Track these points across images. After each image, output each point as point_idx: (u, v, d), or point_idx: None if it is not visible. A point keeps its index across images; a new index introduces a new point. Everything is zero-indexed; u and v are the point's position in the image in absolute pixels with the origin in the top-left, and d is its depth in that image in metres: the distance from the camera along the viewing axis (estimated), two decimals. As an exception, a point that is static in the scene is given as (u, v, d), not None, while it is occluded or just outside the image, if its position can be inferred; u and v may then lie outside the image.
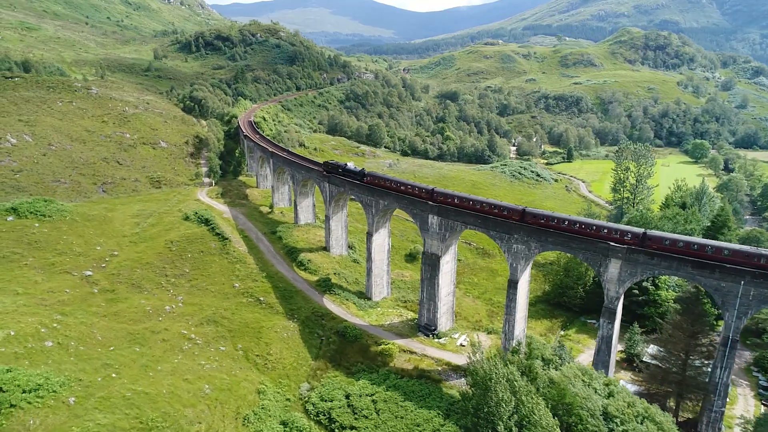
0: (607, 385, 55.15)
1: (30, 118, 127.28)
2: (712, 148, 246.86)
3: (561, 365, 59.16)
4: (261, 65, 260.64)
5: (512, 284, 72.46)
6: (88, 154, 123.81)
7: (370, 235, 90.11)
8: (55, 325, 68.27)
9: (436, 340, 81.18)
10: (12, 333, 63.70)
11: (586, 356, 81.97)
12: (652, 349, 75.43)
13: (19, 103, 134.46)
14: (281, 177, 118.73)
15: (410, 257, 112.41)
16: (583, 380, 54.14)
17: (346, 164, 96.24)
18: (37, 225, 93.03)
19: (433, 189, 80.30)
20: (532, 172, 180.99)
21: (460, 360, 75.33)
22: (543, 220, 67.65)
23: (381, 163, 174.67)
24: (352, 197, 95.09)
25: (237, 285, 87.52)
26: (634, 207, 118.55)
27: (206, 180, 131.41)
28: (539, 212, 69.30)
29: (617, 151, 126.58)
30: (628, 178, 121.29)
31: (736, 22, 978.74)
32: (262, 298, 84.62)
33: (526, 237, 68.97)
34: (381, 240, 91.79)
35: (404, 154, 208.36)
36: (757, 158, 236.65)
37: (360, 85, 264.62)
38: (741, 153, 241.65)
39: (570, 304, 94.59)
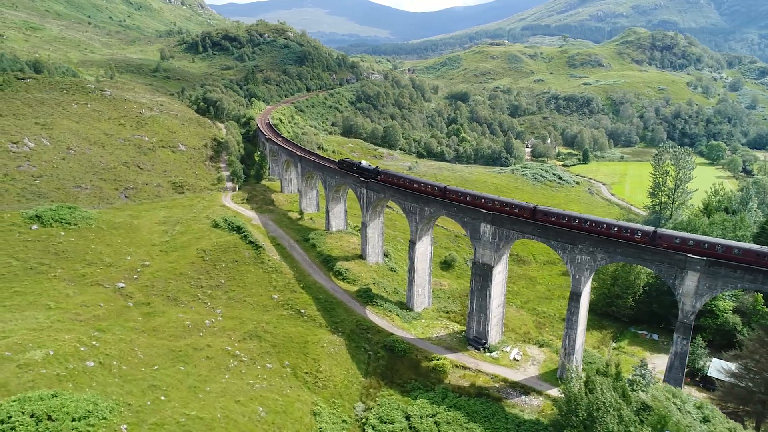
0: (699, 408, 51.63)
1: (46, 120, 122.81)
2: (728, 150, 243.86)
3: (645, 386, 55.73)
4: (270, 66, 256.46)
5: (574, 297, 69.02)
6: (107, 159, 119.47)
7: (412, 243, 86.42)
8: (93, 342, 64.16)
9: (488, 354, 77.54)
10: (51, 352, 59.55)
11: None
12: (718, 363, 72.07)
13: (33, 105, 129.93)
14: (309, 182, 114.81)
15: (445, 265, 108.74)
16: (674, 403, 50.65)
17: (360, 162, 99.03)
18: (63, 234, 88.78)
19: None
20: (554, 174, 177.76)
21: (517, 375, 72.05)
22: (615, 229, 64.15)
23: (400, 165, 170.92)
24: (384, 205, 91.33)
25: (275, 296, 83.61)
26: (672, 212, 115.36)
27: (229, 185, 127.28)
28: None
29: (656, 154, 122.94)
30: (666, 182, 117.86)
31: (734, 22, 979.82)
32: (303, 311, 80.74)
33: (592, 247, 65.39)
34: (423, 248, 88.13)
35: (420, 156, 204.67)
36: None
37: (370, 86, 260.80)
38: (759, 155, 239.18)
39: (619, 314, 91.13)
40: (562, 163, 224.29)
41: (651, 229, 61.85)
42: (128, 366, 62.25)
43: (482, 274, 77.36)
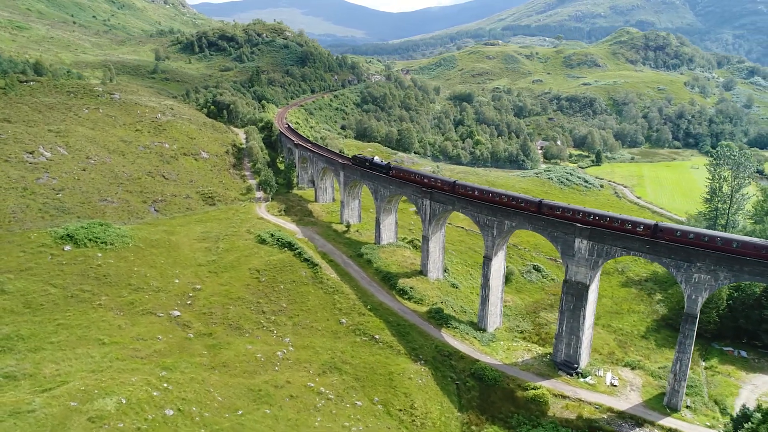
0: None
1: (60, 127, 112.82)
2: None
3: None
4: (271, 67, 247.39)
5: (690, 318, 63.38)
6: (130, 168, 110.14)
7: (488, 259, 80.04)
8: (165, 385, 56.12)
9: (582, 379, 71.49)
10: (123, 401, 51.54)
11: (747, 392, 73.57)
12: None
13: (43, 111, 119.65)
14: (352, 191, 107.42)
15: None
16: None
17: (372, 158, 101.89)
18: (100, 255, 79.88)
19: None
20: (579, 177, 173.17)
21: (620, 403, 66.32)
22: (736, 245, 58.57)
23: (422, 169, 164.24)
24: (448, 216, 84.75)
25: (343, 320, 76.21)
26: (728, 218, 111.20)
27: (259, 194, 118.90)
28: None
29: (713, 157, 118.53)
30: (721, 187, 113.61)
31: (708, 22, 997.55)
32: (377, 336, 73.54)
33: (714, 266, 59.60)
34: (498, 264, 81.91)
35: (435, 159, 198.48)
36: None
37: (376, 87, 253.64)
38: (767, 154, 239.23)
39: (700, 330, 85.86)
40: (576, 165, 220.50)
41: None
42: (210, 412, 54.43)
43: (576, 294, 71.38)
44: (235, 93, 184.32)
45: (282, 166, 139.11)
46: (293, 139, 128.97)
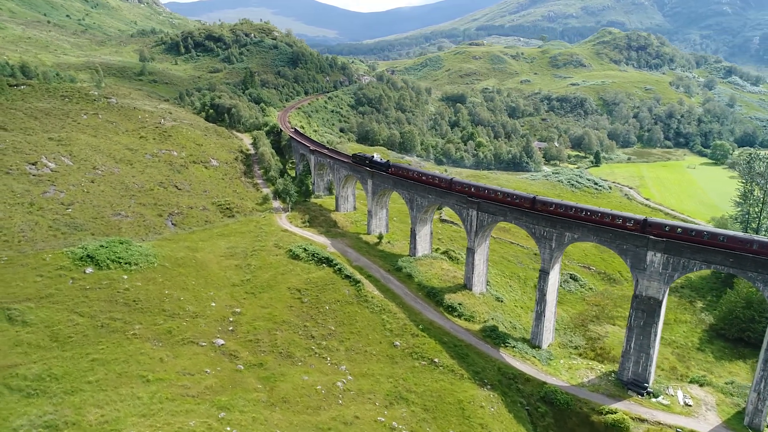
0: None
1: (61, 135, 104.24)
2: (732, 150, 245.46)
3: None
4: (262, 68, 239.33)
5: (783, 336, 59.76)
6: (140, 179, 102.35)
7: (545, 273, 75.68)
8: (227, 428, 50.01)
9: (654, 399, 67.58)
10: (189, 451, 45.11)
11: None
12: None
13: (39, 117, 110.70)
14: (381, 200, 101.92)
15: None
16: None
17: (372, 156, 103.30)
18: (125, 277, 72.69)
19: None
20: (588, 180, 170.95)
21: (700, 425, 62.76)
22: None
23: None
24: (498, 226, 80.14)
25: (397, 343, 70.78)
26: (759, 221, 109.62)
27: (276, 204, 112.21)
28: None
29: (748, 160, 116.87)
30: (753, 191, 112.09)
31: (676, 23, 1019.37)
32: (436, 360, 68.37)
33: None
34: (554, 278, 77.67)
35: (438, 162, 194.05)
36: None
37: (370, 88, 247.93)
38: (761, 152, 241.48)
39: (755, 339, 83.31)
40: (575, 166, 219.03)
41: None
42: (284, 459, 48.47)
43: (647, 310, 67.38)
44: (233, 96, 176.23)
45: (293, 173, 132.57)
46: (308, 145, 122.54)
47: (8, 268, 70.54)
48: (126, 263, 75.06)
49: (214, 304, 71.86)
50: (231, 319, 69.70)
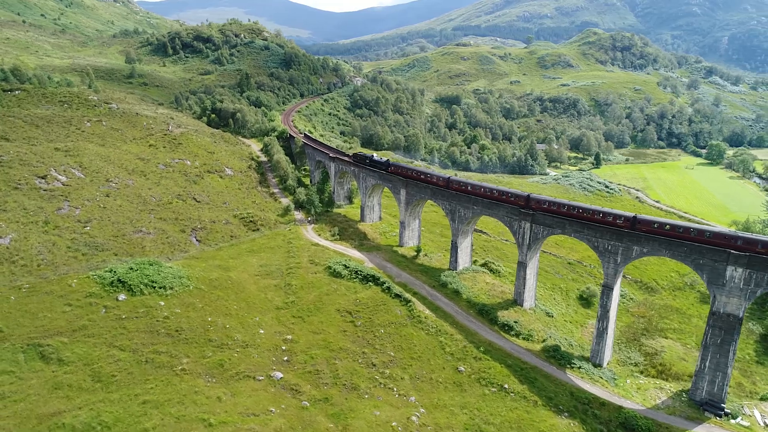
0: None
1: (67, 145, 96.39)
2: (728, 150, 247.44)
3: None
4: (254, 69, 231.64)
5: None
6: (157, 191, 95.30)
7: (608, 288, 72.04)
8: (312, 479, 44.52)
9: (733, 421, 64.32)
10: None
11: None
12: None
13: (40, 125, 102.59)
14: (414, 210, 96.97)
15: (584, 301, 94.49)
16: None
17: (372, 155, 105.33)
18: (162, 303, 66.33)
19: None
20: (599, 182, 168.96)
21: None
22: None
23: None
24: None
25: (462, 368, 66.02)
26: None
27: (299, 216, 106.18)
28: None
29: None
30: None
31: (648, 23, 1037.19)
32: (506, 386, 63.85)
33: None
34: (616, 293, 74.06)
35: (444, 166, 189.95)
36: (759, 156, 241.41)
37: (367, 90, 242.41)
38: (755, 152, 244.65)
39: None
40: (576, 168, 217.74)
41: None
42: None
43: (725, 327, 63.99)
44: (234, 100, 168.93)
45: (306, 181, 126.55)
46: (327, 152, 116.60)
47: (32, 296, 63.57)
48: (160, 287, 68.63)
49: (262, 331, 65.94)
50: (284, 348, 63.91)
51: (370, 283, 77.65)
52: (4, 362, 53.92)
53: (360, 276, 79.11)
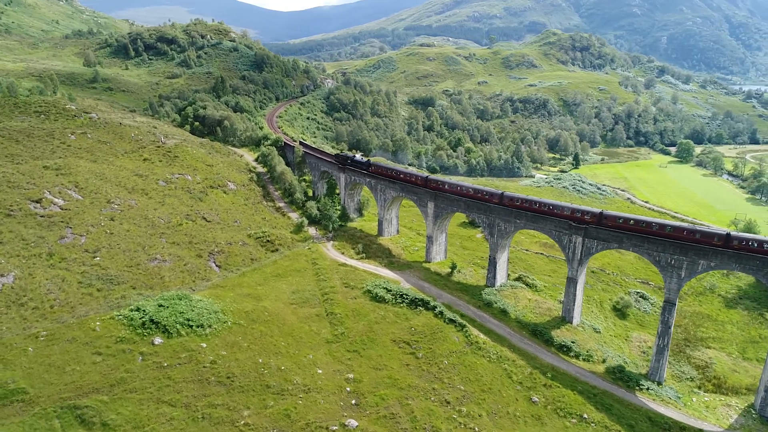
0: None
1: (57, 162, 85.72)
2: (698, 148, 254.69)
3: None
4: (225, 72, 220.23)
5: None
6: (163, 212, 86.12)
7: (671, 304, 69.50)
8: None
9: (809, 436, 62.75)
10: None
11: None
12: None
13: (21, 140, 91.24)
14: (442, 224, 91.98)
15: (619, 312, 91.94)
16: None
17: (354, 155, 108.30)
18: (204, 345, 58.64)
19: None
20: (590, 184, 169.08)
21: None
22: None
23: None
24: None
25: (535, 398, 61.63)
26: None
27: (313, 232, 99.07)
28: None
29: None
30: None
31: (592, 24, 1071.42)
32: (585, 415, 60.09)
33: None
34: (676, 309, 71.33)
35: (432, 170, 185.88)
36: (725, 153, 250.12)
37: (343, 93, 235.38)
38: (720, 150, 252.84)
39: None
40: (559, 168, 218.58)
41: None
42: None
43: (799, 341, 62.21)
44: (218, 106, 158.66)
45: (310, 192, 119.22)
46: (335, 162, 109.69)
47: (53, 346, 54.65)
48: (198, 326, 60.83)
49: (320, 371, 59.27)
50: (349, 389, 57.49)
51: (420, 308, 72.06)
52: (40, 433, 45.43)
53: (407, 300, 73.40)
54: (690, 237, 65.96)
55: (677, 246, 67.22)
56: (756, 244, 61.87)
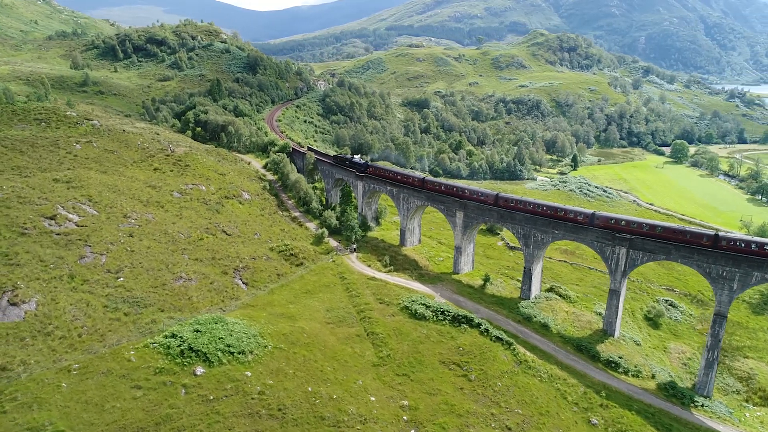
0: None
1: (67, 175, 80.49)
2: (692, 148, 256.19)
3: None
4: (218, 74, 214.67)
5: None
6: (182, 225, 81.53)
7: (721, 317, 67.52)
8: None
9: None
10: None
11: None
12: None
13: (25, 151, 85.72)
14: (470, 234, 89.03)
15: (651, 322, 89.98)
16: None
17: (352, 157, 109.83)
18: (248, 374, 54.68)
19: None
20: (597, 187, 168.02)
21: None
22: None
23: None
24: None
25: (594, 420, 59.07)
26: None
27: (334, 243, 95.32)
28: None
29: None
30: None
31: (572, 24, 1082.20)
32: (647, 438, 57.44)
33: None
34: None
35: (435, 174, 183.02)
36: (719, 154, 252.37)
37: (339, 95, 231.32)
38: (712, 149, 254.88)
39: None
40: (559, 170, 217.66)
41: None
42: None
43: None
44: (219, 111, 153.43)
45: (323, 199, 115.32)
46: (353, 169, 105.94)
47: (87, 381, 50.19)
48: (239, 353, 56.84)
49: (373, 398, 55.75)
50: (405, 418, 54.10)
51: (464, 326, 68.97)
52: (89, 484, 41.14)
53: (448, 317, 70.25)
54: (747, 249, 63.94)
55: (729, 257, 65.29)
56: (733, 243, 61.14)
